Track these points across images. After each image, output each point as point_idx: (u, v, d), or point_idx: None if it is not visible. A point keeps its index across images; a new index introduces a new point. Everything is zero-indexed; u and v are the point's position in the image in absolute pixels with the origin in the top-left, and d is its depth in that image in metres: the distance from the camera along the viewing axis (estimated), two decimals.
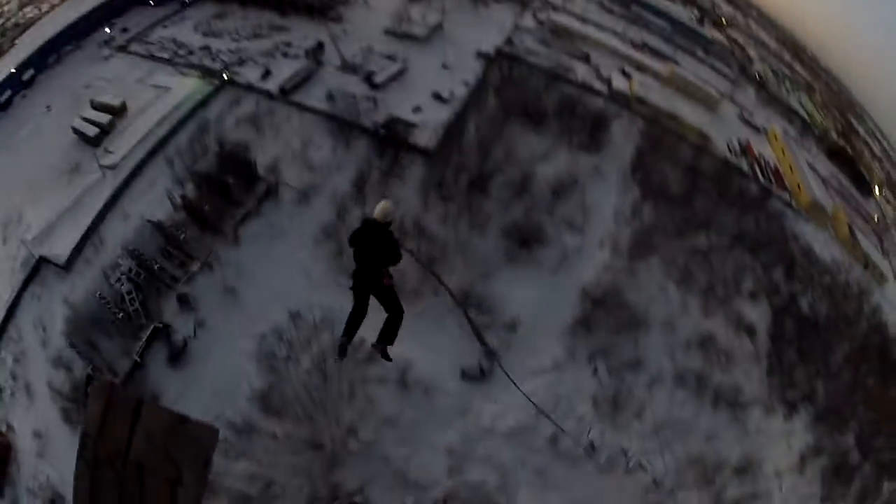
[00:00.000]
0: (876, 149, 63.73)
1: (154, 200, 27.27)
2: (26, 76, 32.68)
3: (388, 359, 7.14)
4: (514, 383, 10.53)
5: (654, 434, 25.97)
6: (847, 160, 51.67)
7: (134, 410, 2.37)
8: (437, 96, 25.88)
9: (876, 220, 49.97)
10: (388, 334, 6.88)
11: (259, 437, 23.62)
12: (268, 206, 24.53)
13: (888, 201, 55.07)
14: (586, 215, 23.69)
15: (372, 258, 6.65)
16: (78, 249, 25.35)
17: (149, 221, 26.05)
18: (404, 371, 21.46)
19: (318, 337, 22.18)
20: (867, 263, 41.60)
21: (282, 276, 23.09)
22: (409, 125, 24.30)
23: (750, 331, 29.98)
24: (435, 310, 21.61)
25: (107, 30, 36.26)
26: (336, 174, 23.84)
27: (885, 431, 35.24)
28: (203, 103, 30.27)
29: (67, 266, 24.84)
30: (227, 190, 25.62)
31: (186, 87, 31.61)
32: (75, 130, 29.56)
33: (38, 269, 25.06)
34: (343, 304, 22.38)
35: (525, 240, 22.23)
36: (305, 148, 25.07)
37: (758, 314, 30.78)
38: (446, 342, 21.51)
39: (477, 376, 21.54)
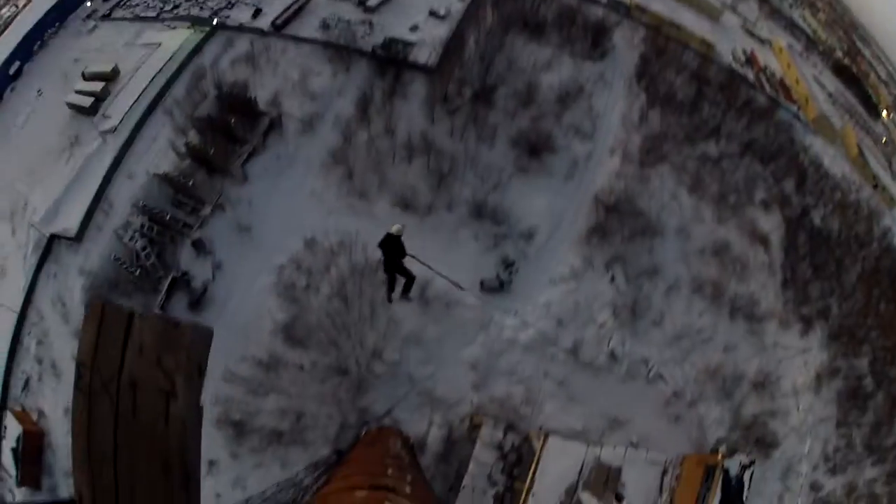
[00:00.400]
0: (882, 73, 62.38)
1: (158, 154, 27.08)
2: (12, 70, 31.88)
3: (410, 300, 17.77)
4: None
5: (674, 343, 26.17)
6: (853, 79, 50.59)
7: (126, 326, 2.13)
8: (434, 13, 25.12)
9: (884, 142, 49.27)
10: (406, 290, 14.54)
11: (286, 370, 23.95)
12: (272, 140, 24.28)
13: None
14: (594, 122, 23.34)
15: (391, 254, 12.00)
16: (87, 218, 25.13)
17: (155, 175, 25.88)
18: (424, 287, 21.46)
19: (336, 261, 22.25)
20: (877, 184, 41.22)
21: (294, 206, 23.05)
22: (408, 44, 23.74)
23: (764, 241, 29.90)
24: (449, 224, 21.60)
25: (88, 3, 35.32)
26: (338, 99, 23.46)
27: None
28: (196, 51, 29.72)
29: (79, 237, 24.59)
30: (229, 130, 25.32)
31: (177, 39, 30.97)
32: (70, 105, 29.18)
33: (50, 247, 24.95)
34: (358, 225, 22.41)
35: (534, 149, 21.93)
36: (305, 78, 24.59)
37: (771, 224, 30.65)
38: (463, 255, 21.54)
39: (496, 288, 21.57)
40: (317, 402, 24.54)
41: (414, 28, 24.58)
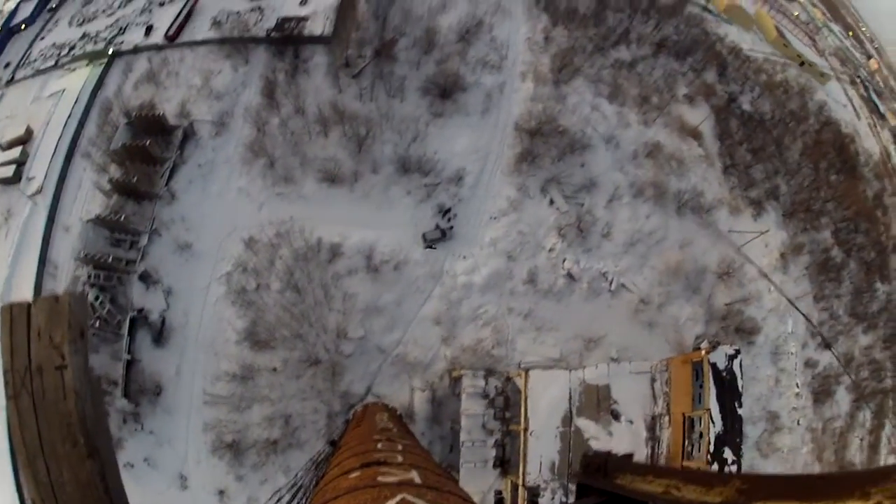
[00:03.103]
0: None
1: (86, 198, 26.92)
2: None
3: None
4: None
5: (628, 250, 26.45)
6: None
7: (27, 317, 2.18)
8: None
9: (804, 21, 50.03)
10: None
11: (261, 376, 23.89)
12: (189, 149, 24.01)
13: (814, 5, 54.88)
14: (500, 53, 23.34)
15: None
16: (38, 289, 24.96)
17: (88, 221, 25.60)
18: (369, 255, 21.57)
19: (279, 253, 22.15)
20: (803, 62, 41.84)
21: (225, 209, 22.90)
22: (301, 20, 23.40)
23: (695, 134, 30.34)
24: (379, 186, 21.59)
25: None
26: (244, 91, 23.22)
27: (862, 229, 36.48)
28: (99, 85, 29.27)
29: None
30: (146, 153, 24.96)
31: (79, 79, 30.46)
32: None
33: None
34: (291, 211, 22.07)
35: (445, 91, 21.95)
36: (207, 81, 24.27)
37: (699, 117, 31.03)
38: (398, 213, 21.62)
39: (439, 238, 21.66)
40: (299, 399, 24.52)
41: (303, 2, 24.17)
